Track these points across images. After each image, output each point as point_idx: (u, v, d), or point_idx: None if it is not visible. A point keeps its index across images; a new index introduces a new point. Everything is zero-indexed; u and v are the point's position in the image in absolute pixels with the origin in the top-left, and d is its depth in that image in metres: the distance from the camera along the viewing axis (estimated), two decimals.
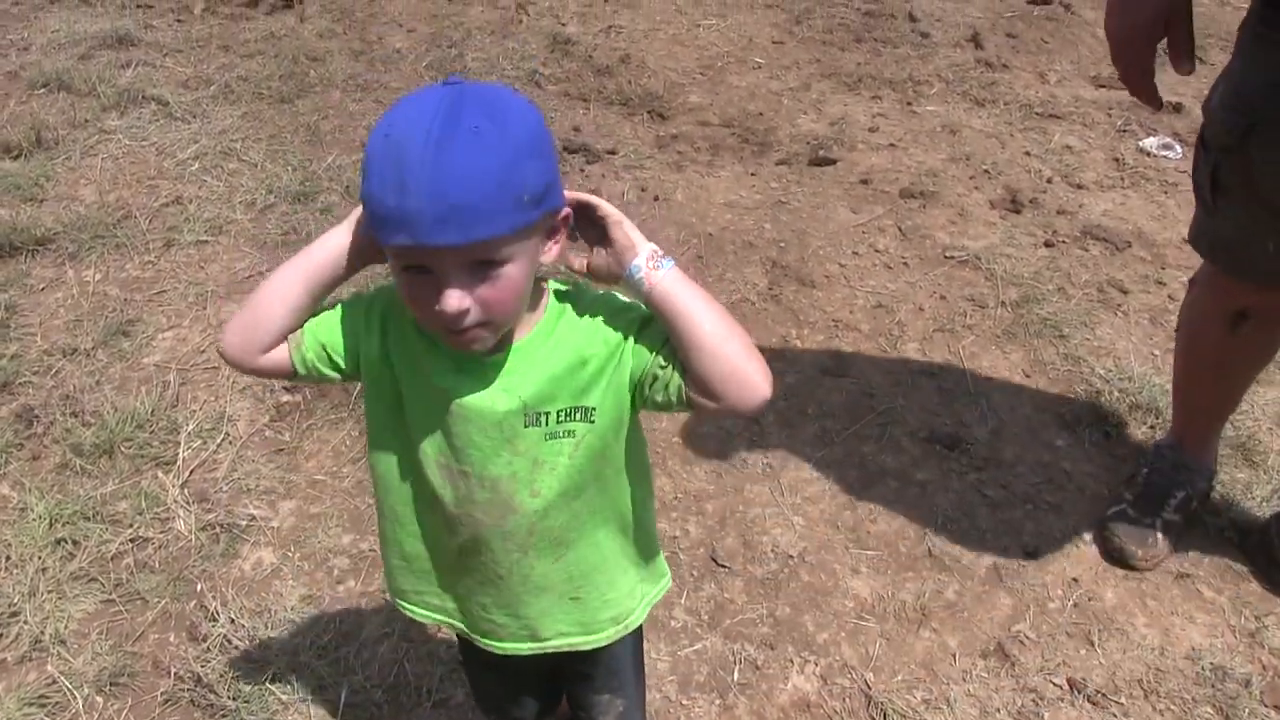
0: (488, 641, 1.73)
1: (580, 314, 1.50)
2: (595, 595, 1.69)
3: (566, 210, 1.41)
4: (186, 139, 4.65)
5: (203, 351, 3.53)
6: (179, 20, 5.77)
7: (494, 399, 1.47)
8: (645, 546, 1.74)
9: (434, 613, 1.77)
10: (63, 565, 2.79)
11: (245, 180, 4.40)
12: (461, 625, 1.76)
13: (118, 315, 3.65)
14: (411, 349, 1.51)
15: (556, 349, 1.47)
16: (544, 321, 1.49)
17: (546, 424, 1.48)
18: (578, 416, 1.49)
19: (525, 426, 1.48)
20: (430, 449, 1.54)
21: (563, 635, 1.72)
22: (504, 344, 1.46)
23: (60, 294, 3.75)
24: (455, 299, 1.27)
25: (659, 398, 1.49)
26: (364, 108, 4.97)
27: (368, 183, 1.26)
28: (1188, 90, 5.73)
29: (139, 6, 5.89)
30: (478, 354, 1.45)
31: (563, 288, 1.54)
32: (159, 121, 4.77)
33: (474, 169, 1.21)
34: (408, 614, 1.80)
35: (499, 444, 1.49)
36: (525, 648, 1.72)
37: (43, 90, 4.94)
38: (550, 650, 1.73)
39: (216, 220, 4.14)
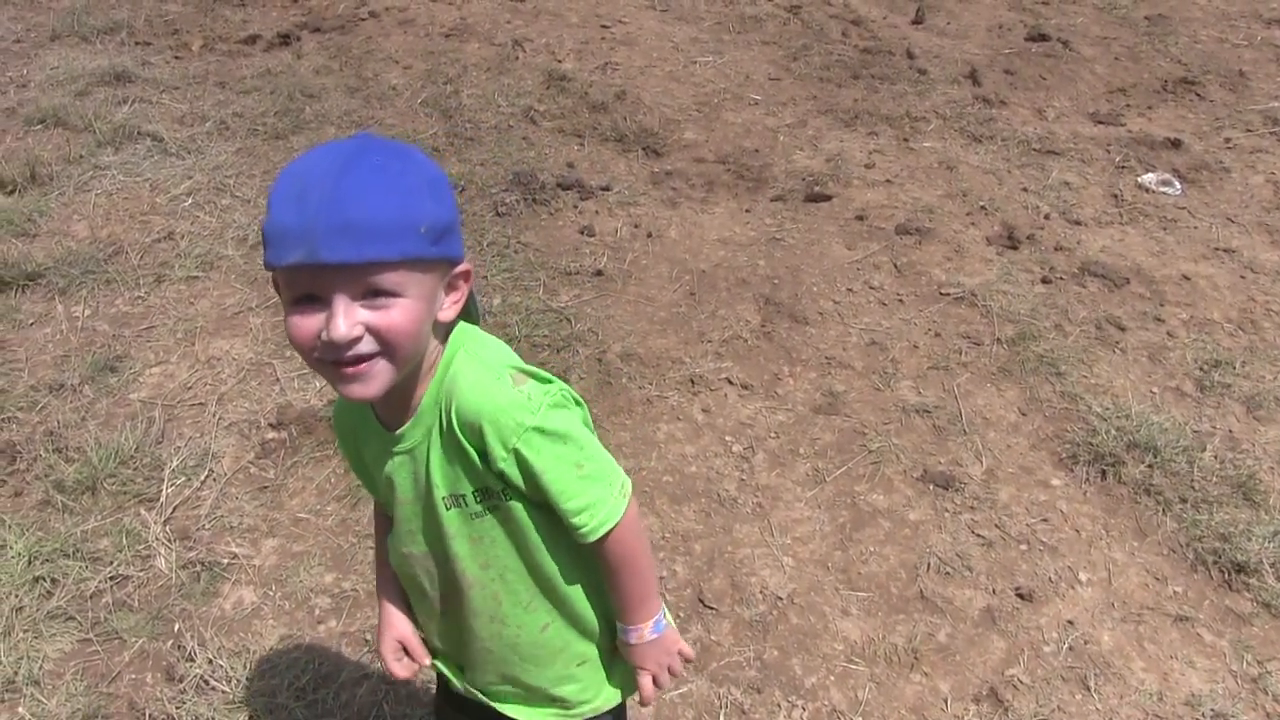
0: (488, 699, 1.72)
1: (467, 391, 1.42)
2: (533, 672, 1.66)
3: (466, 266, 1.40)
4: (180, 174, 4.64)
5: (190, 388, 3.50)
6: (177, 57, 5.78)
7: (414, 487, 1.50)
8: (583, 630, 1.68)
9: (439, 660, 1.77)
10: (40, 604, 2.75)
11: (238, 216, 4.38)
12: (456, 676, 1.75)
13: (106, 351, 3.62)
14: (363, 445, 1.55)
15: (450, 434, 1.43)
16: (434, 383, 1.44)
17: (466, 505, 1.48)
18: (490, 498, 1.48)
19: (447, 509, 1.48)
20: (399, 530, 1.58)
21: (507, 701, 1.71)
22: (403, 403, 1.46)
23: (49, 329, 3.72)
24: (343, 324, 1.24)
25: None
26: None
27: (268, 212, 1.26)
28: (1186, 126, 5.72)
29: (138, 44, 5.91)
30: (389, 428, 1.47)
31: (457, 336, 1.48)
32: (153, 157, 4.76)
33: (374, 191, 1.23)
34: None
35: (432, 524, 1.51)
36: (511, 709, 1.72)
37: (39, 126, 4.94)
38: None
39: (208, 256, 4.12)
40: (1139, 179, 5.17)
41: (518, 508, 1.48)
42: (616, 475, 1.50)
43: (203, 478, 3.17)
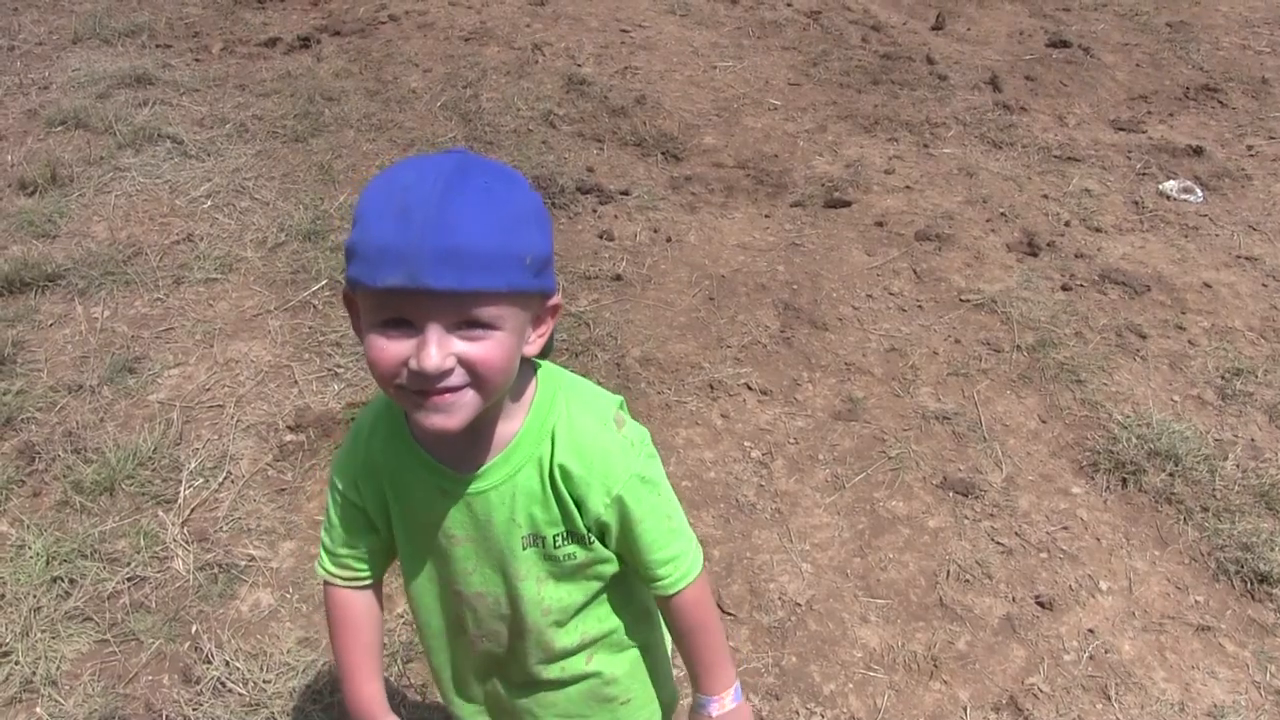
0: None
1: (577, 435, 1.39)
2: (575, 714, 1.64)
3: (558, 300, 1.34)
4: (200, 177, 4.65)
5: (208, 389, 3.50)
6: (197, 60, 5.80)
7: (477, 526, 1.42)
8: (631, 685, 1.65)
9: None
10: (58, 604, 2.75)
11: (257, 218, 4.39)
12: None
13: (124, 352, 3.63)
14: (401, 486, 1.45)
15: (551, 479, 1.39)
16: (531, 421, 1.39)
17: (544, 546, 1.44)
18: (575, 541, 1.44)
19: (524, 549, 1.43)
20: (442, 576, 1.50)
21: None
22: (480, 440, 1.38)
23: (68, 330, 3.73)
24: (437, 355, 1.17)
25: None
26: (378, 147, 4.97)
27: (361, 225, 1.17)
28: (1208, 134, 5.69)
29: (159, 46, 5.93)
30: (448, 467, 1.39)
31: (548, 374, 1.45)
32: (173, 159, 4.77)
33: (484, 215, 1.15)
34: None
35: (497, 562, 1.45)
36: None
37: (60, 128, 4.96)
38: None
39: (227, 258, 4.13)
40: (1160, 186, 5.14)
41: (601, 553, 1.46)
42: (692, 532, 1.50)
43: (220, 479, 3.17)
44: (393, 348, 1.19)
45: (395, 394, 1.25)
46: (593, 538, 1.44)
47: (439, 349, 1.17)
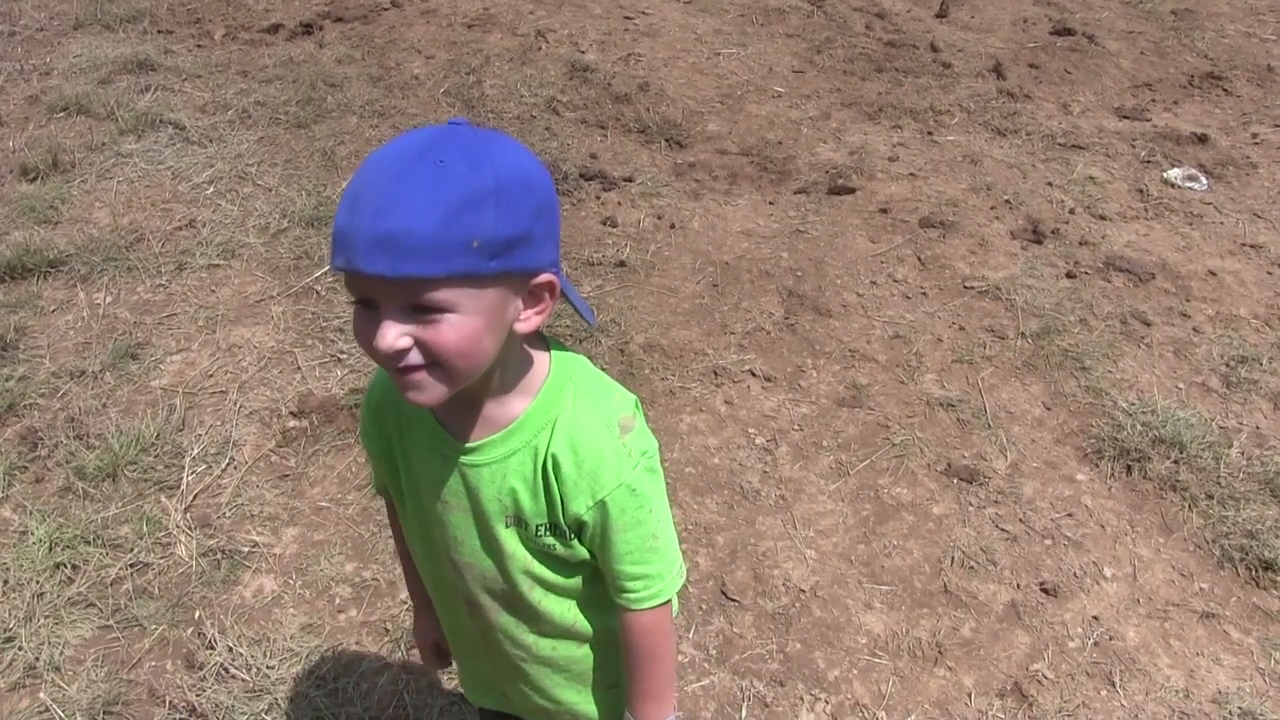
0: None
1: (576, 433, 1.37)
2: (564, 686, 1.64)
3: (548, 277, 1.28)
4: (202, 163, 4.64)
5: (210, 375, 3.49)
6: (199, 46, 5.78)
7: (469, 497, 1.42)
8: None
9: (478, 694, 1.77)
10: (61, 590, 2.75)
11: (259, 204, 4.38)
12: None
13: (127, 338, 3.62)
14: (408, 441, 1.46)
15: (542, 469, 1.38)
16: (535, 408, 1.38)
17: (525, 529, 1.42)
18: (555, 533, 1.42)
19: (505, 527, 1.42)
20: (437, 538, 1.49)
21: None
22: (475, 415, 1.37)
23: (70, 316, 3.73)
24: (389, 335, 1.18)
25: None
26: (380, 133, 4.95)
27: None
28: (1213, 122, 5.67)
29: (160, 32, 5.91)
30: (451, 435, 1.39)
31: (564, 364, 1.42)
32: (175, 145, 4.76)
33: (422, 198, 1.13)
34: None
35: (486, 536, 1.44)
36: None
37: (62, 114, 4.95)
38: None
39: (229, 244, 4.11)
40: (1165, 174, 5.12)
41: (578, 551, 1.44)
42: (679, 556, 1.47)
43: (223, 466, 3.17)
44: (363, 326, 1.22)
45: (381, 365, 1.27)
46: (571, 535, 1.42)
47: (392, 331, 1.18)
